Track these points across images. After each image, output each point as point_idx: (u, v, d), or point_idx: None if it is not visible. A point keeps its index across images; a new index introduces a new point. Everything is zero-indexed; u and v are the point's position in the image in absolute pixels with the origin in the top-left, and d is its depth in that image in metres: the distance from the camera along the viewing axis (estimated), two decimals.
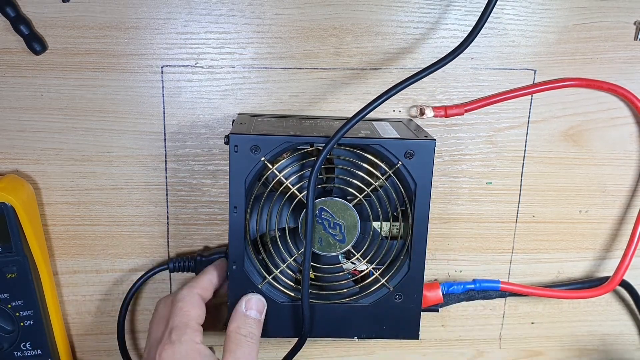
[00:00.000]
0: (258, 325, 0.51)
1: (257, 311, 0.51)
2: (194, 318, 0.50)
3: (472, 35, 0.51)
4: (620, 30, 0.57)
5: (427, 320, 0.63)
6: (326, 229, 0.50)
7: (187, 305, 0.50)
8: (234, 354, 0.48)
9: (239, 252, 0.51)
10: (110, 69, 0.54)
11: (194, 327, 0.49)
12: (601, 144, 0.60)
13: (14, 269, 0.53)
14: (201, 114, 0.56)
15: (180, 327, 0.49)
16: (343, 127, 0.47)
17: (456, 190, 0.60)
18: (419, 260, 0.52)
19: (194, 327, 0.49)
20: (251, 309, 0.51)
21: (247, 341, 0.49)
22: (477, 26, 0.51)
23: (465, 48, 0.51)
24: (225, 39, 0.54)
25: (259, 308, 0.51)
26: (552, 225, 0.62)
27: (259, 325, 0.51)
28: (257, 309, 0.51)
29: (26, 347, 0.55)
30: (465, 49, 0.51)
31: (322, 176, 0.51)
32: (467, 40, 0.51)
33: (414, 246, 0.51)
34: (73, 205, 0.57)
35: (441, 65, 0.51)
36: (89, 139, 0.55)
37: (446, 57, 0.51)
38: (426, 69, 0.50)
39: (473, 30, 0.51)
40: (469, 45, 0.51)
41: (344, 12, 0.54)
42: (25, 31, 0.51)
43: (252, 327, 0.50)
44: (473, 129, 0.58)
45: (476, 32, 0.51)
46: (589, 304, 0.65)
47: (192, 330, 0.49)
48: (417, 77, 0.50)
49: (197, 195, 0.58)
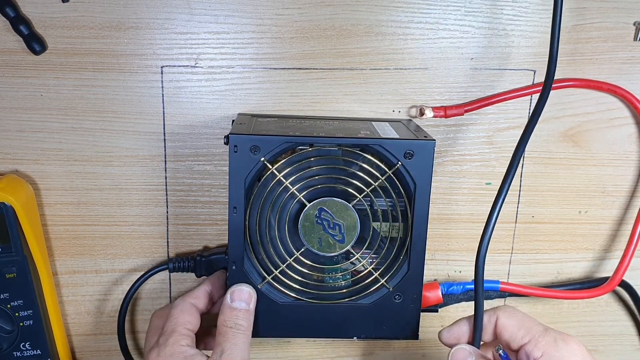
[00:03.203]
0: (246, 315, 0.50)
1: (244, 301, 0.50)
2: (182, 323, 0.50)
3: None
4: (620, 30, 0.58)
5: (426, 320, 0.63)
6: (326, 229, 0.50)
7: (177, 312, 0.51)
8: (221, 346, 0.48)
9: (238, 252, 0.51)
10: (110, 69, 0.54)
11: (180, 332, 0.50)
12: (601, 144, 0.60)
13: (14, 269, 0.53)
14: (201, 114, 0.56)
15: (167, 332, 0.50)
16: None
17: (456, 190, 0.60)
18: (419, 260, 0.52)
19: (181, 332, 0.50)
20: (236, 300, 0.50)
21: (234, 332, 0.49)
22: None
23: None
24: (225, 39, 0.54)
25: (244, 298, 0.50)
26: (552, 225, 0.62)
27: (246, 315, 0.50)
28: (243, 299, 0.50)
29: (25, 347, 0.55)
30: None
31: (322, 176, 0.51)
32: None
33: (414, 246, 0.51)
34: (73, 205, 0.57)
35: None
36: (88, 139, 0.55)
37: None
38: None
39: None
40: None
41: (344, 12, 0.54)
42: (25, 31, 0.51)
43: (238, 318, 0.49)
44: (473, 129, 0.59)
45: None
46: (589, 305, 0.65)
47: (179, 334, 0.49)
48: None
49: (196, 196, 0.58)
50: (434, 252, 0.61)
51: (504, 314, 0.48)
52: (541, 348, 0.45)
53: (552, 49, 0.52)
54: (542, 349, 0.45)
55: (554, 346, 0.45)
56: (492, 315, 0.49)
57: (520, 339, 0.47)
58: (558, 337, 0.46)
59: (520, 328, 0.47)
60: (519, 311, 0.49)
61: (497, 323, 0.48)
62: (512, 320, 0.48)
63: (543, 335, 0.46)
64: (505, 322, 0.48)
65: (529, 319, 0.48)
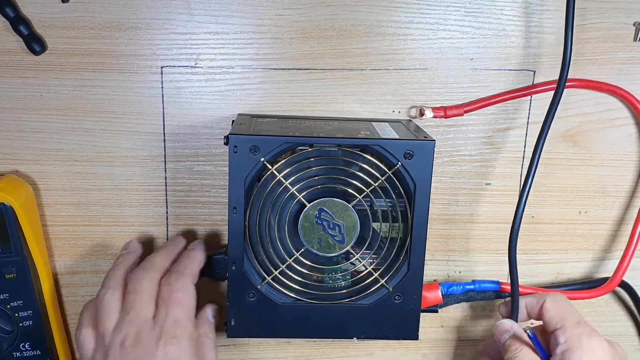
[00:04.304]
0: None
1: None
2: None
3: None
4: (620, 31, 0.58)
5: (426, 320, 0.63)
6: (326, 229, 0.50)
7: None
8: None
9: (238, 253, 0.51)
10: (110, 69, 0.54)
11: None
12: (601, 144, 0.60)
13: (13, 269, 0.53)
14: (201, 114, 0.56)
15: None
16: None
17: (456, 190, 0.60)
18: (419, 260, 0.52)
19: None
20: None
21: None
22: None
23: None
24: (225, 39, 0.54)
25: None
26: (552, 226, 0.62)
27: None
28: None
29: (25, 347, 0.55)
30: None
31: (322, 177, 0.51)
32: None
33: (414, 247, 0.51)
34: (72, 205, 0.57)
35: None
36: (88, 139, 0.55)
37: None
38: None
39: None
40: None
41: (344, 12, 0.54)
42: (25, 31, 0.51)
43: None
44: (472, 129, 0.59)
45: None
46: (589, 305, 0.65)
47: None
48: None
49: (196, 196, 0.58)
50: (434, 253, 0.61)
51: (550, 298, 0.55)
52: (567, 336, 0.51)
53: (565, 47, 0.54)
54: (567, 337, 0.51)
55: (577, 338, 0.51)
56: (541, 299, 0.55)
57: (555, 324, 0.53)
58: (585, 331, 0.52)
59: (558, 314, 0.53)
60: (565, 300, 0.55)
61: (543, 305, 0.55)
62: (555, 305, 0.54)
63: (573, 327, 0.52)
64: (548, 306, 0.54)
65: (569, 309, 0.54)
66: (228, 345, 0.62)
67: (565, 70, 0.54)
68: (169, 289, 0.49)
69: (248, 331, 0.53)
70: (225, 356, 0.62)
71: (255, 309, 0.52)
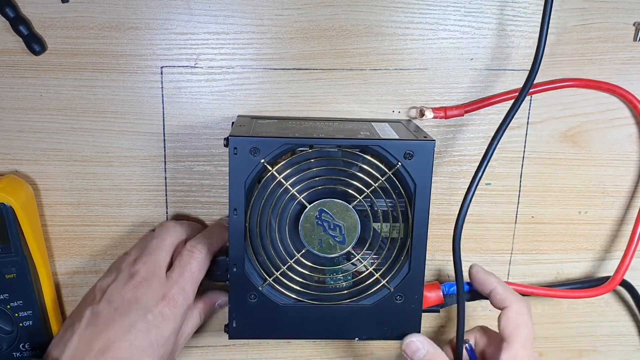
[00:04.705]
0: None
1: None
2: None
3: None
4: (620, 31, 0.58)
5: (427, 320, 0.63)
6: (326, 230, 0.50)
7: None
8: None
9: (239, 254, 0.51)
10: (110, 69, 0.54)
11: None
12: (601, 144, 0.60)
13: (13, 269, 0.53)
14: (200, 114, 0.56)
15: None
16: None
17: (456, 191, 0.60)
18: (419, 261, 0.52)
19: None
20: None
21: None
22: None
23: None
24: (225, 39, 0.54)
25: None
26: (552, 226, 0.62)
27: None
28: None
29: (25, 347, 0.55)
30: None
31: (322, 177, 0.51)
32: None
33: (414, 247, 0.51)
34: (72, 205, 0.57)
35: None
36: (88, 139, 0.55)
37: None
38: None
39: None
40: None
41: (344, 12, 0.54)
42: (25, 32, 0.51)
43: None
44: (473, 129, 0.58)
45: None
46: (589, 305, 0.65)
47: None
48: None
49: (196, 196, 0.58)
50: (435, 253, 0.61)
51: (515, 305, 0.53)
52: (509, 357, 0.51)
53: (538, 50, 0.52)
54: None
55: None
56: (506, 301, 0.53)
57: (505, 336, 0.52)
58: (528, 355, 0.51)
59: (512, 325, 0.52)
60: (526, 314, 0.53)
61: (504, 310, 0.53)
62: (515, 316, 0.52)
63: (520, 348, 0.51)
64: (508, 315, 0.53)
65: (526, 325, 0.52)
66: (228, 345, 0.62)
67: (535, 71, 0.52)
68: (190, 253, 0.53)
69: (250, 333, 0.53)
70: (225, 356, 0.62)
71: (257, 310, 0.52)
